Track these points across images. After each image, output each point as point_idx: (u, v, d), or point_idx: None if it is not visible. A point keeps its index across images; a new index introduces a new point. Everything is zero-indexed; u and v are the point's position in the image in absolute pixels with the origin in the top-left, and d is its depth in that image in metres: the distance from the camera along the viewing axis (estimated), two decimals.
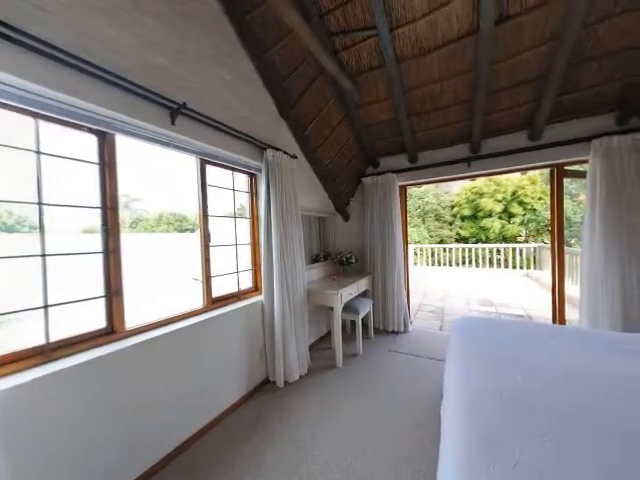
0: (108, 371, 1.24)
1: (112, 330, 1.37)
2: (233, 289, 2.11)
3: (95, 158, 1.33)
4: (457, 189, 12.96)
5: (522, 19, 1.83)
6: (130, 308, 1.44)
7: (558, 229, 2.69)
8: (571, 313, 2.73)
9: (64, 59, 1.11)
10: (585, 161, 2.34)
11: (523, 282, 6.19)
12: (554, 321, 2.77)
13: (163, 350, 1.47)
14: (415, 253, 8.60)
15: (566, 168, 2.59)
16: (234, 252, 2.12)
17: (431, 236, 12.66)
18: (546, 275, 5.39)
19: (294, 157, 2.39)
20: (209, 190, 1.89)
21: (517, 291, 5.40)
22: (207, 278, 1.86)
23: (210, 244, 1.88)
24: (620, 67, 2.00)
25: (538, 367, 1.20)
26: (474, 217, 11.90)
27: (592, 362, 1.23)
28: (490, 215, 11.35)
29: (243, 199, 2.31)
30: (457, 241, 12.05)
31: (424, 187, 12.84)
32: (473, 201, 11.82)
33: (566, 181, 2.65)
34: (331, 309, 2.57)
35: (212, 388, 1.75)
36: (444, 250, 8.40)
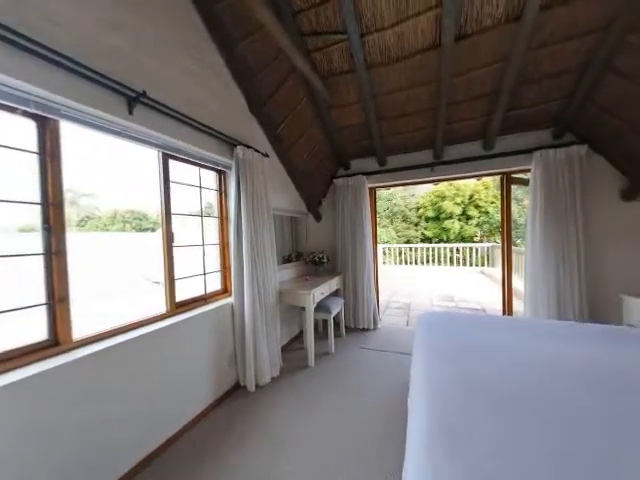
0: (48, 389, 1.09)
1: (56, 342, 1.21)
2: (200, 292, 2.00)
3: (34, 147, 1.17)
4: (422, 192, 13.79)
5: (477, 39, 2.00)
6: (79, 316, 1.29)
7: (507, 230, 3.01)
8: (518, 305, 3.07)
9: None
10: (528, 170, 2.64)
11: (479, 278, 6.80)
12: (504, 312, 3.09)
13: (119, 361, 1.34)
14: (384, 253, 8.97)
15: (513, 176, 2.90)
16: (201, 253, 2.01)
17: (399, 236, 13.30)
18: (497, 272, 5.98)
19: (266, 155, 2.34)
20: (173, 187, 1.77)
21: (473, 287, 5.91)
22: (170, 281, 1.74)
23: (174, 244, 1.76)
24: (556, 89, 2.29)
25: (493, 355, 1.32)
26: (437, 218, 12.77)
27: (537, 347, 1.39)
28: (451, 217, 12.27)
29: (211, 197, 2.21)
30: (422, 241, 12.82)
31: (392, 189, 13.43)
32: (436, 204, 12.68)
33: (513, 187, 2.97)
34: (303, 309, 2.56)
35: (177, 398, 1.64)
36: (410, 250, 8.89)
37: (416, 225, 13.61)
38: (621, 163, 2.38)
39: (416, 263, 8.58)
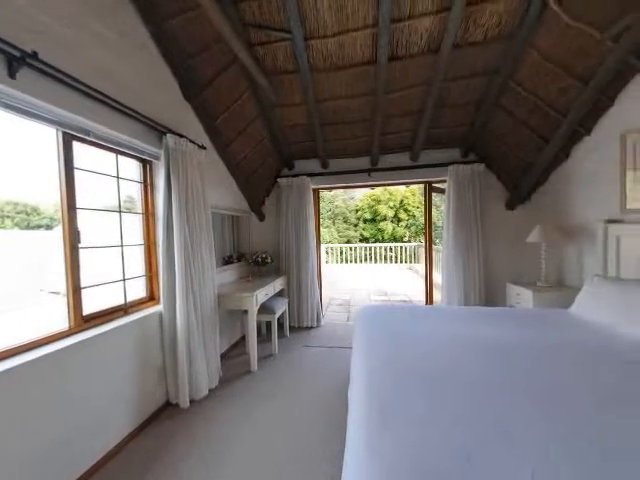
0: None
1: None
2: (119, 301, 1.69)
3: None
4: (360, 195, 14.83)
5: (407, 62, 2.27)
6: None
7: (429, 232, 3.51)
8: (437, 295, 3.60)
9: None
10: (444, 181, 3.13)
11: (407, 274, 7.71)
12: (426, 302, 3.59)
13: (3, 393, 1.03)
14: (326, 252, 9.30)
15: (434, 185, 3.40)
16: (119, 255, 1.70)
17: (340, 236, 14.00)
18: (422, 267, 6.89)
19: (202, 148, 2.14)
20: (79, 175, 1.45)
21: (403, 281, 6.68)
22: (75, 290, 1.42)
23: (80, 245, 1.45)
24: (463, 116, 2.78)
25: (419, 339, 1.51)
26: (373, 220, 13.93)
27: (452, 329, 1.66)
28: (385, 219, 13.57)
29: (133, 190, 1.90)
30: (361, 241, 13.79)
31: (334, 191, 14.05)
32: (373, 207, 13.83)
33: (434, 195, 3.48)
34: (245, 312, 2.45)
35: (89, 429, 1.35)
36: (350, 249, 9.46)
37: (355, 226, 14.56)
38: (505, 180, 3.05)
39: (356, 261, 9.19)
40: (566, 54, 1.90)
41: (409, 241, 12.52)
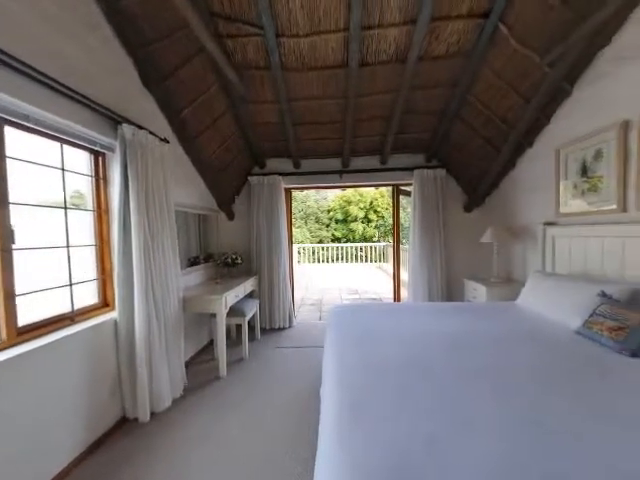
0: None
1: None
2: (64, 309, 1.50)
3: None
4: (332, 196, 15.04)
5: (376, 69, 2.36)
6: None
7: (396, 232, 3.68)
8: (404, 292, 3.79)
9: None
10: (411, 184, 3.31)
11: (376, 273, 8.00)
12: (394, 299, 3.76)
13: None
14: (299, 252, 9.27)
15: (401, 188, 3.58)
16: (65, 256, 1.51)
17: (312, 236, 14.04)
18: (390, 266, 7.20)
19: (165, 141, 2.00)
20: (12, 165, 1.26)
21: (373, 280, 6.92)
22: (7, 297, 1.23)
23: (14, 246, 1.26)
24: (427, 124, 2.97)
25: (388, 335, 1.58)
26: (345, 221, 14.22)
27: (418, 324, 1.75)
28: (356, 219, 13.92)
29: (82, 184, 1.70)
30: (332, 241, 13.98)
31: (306, 192, 14.06)
32: (344, 207, 14.10)
33: (401, 197, 3.66)
34: (214, 316, 2.33)
35: (27, 456, 1.17)
36: (322, 249, 9.55)
37: (327, 226, 14.72)
38: (464, 185, 3.32)
39: (327, 261, 9.29)
40: (513, 74, 2.13)
41: (378, 241, 12.99)
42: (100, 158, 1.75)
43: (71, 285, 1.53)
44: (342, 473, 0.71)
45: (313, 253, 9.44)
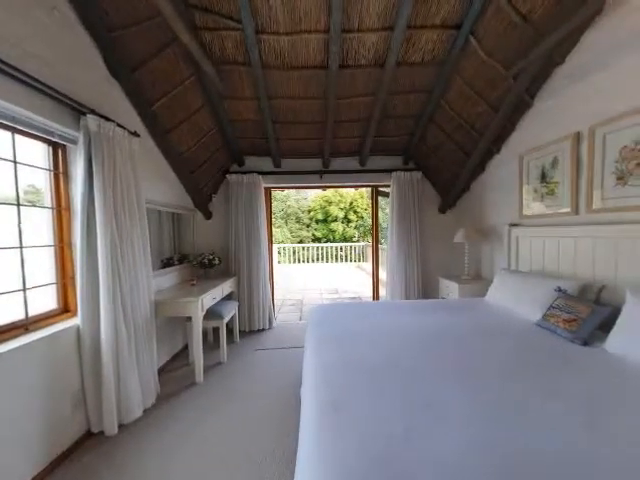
0: None
1: None
2: (17, 316, 1.36)
3: None
4: (312, 196, 15.05)
5: (356, 72, 2.39)
6: None
7: (375, 232, 3.78)
8: (382, 291, 3.89)
9: None
10: (389, 186, 3.40)
11: (356, 272, 8.13)
12: (373, 298, 3.85)
13: None
14: (279, 252, 9.17)
15: (380, 189, 3.67)
16: (18, 258, 1.37)
17: (292, 236, 13.96)
18: (369, 266, 7.36)
19: (135, 135, 1.88)
20: None
21: (352, 279, 7.02)
22: None
23: None
24: (404, 128, 3.07)
25: (367, 334, 1.61)
26: (325, 221, 14.29)
27: (395, 321, 1.81)
28: (336, 220, 14.05)
29: (39, 179, 1.55)
30: (313, 241, 13.99)
31: (286, 191, 13.94)
32: (324, 207, 14.17)
33: (380, 198, 3.76)
34: (189, 319, 2.24)
35: None
36: (303, 249, 9.53)
37: (308, 226, 14.71)
38: (438, 187, 3.48)
39: (308, 261, 9.29)
40: (482, 84, 2.27)
41: (358, 241, 13.21)
42: (60, 151, 1.60)
43: (25, 290, 1.39)
44: (324, 467, 0.72)
45: (294, 253, 9.39)
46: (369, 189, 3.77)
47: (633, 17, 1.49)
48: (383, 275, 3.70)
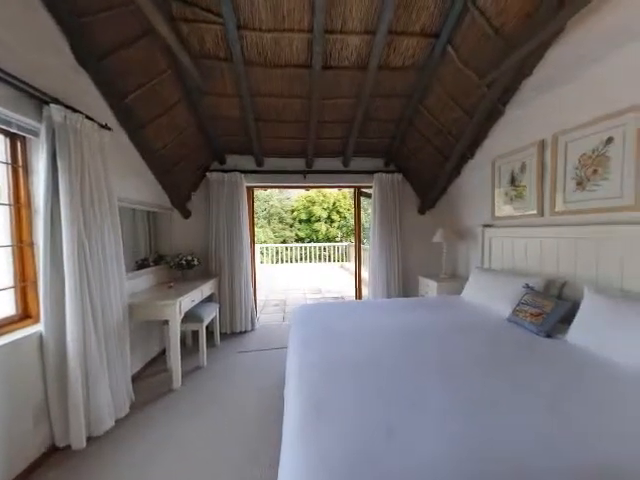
0: None
1: None
2: None
3: None
4: (296, 196, 14.98)
5: (339, 73, 2.41)
6: None
7: (358, 232, 3.83)
8: (365, 290, 3.96)
9: None
10: (371, 187, 3.46)
11: (339, 272, 8.20)
12: (356, 297, 3.90)
13: None
14: (261, 252, 9.03)
15: (362, 190, 3.72)
16: None
17: (275, 236, 13.80)
18: (352, 265, 7.45)
19: (106, 128, 1.77)
20: None
21: (335, 279, 7.08)
22: None
23: None
24: (385, 131, 3.14)
25: (349, 333, 1.63)
26: (308, 221, 14.27)
27: (377, 320, 1.84)
28: (319, 220, 14.08)
29: None
30: (296, 241, 13.91)
31: (269, 191, 13.76)
32: (307, 207, 14.15)
33: (362, 199, 3.82)
34: (166, 323, 2.14)
35: None
36: (286, 249, 9.45)
37: (291, 226, 14.61)
38: (418, 189, 3.60)
39: (291, 261, 9.23)
40: (458, 91, 2.38)
41: (341, 241, 13.32)
42: (19, 143, 1.47)
43: None
44: (307, 464, 0.73)
45: (277, 253, 9.29)
46: (352, 190, 3.82)
47: (592, 35, 1.63)
48: (366, 274, 3.76)
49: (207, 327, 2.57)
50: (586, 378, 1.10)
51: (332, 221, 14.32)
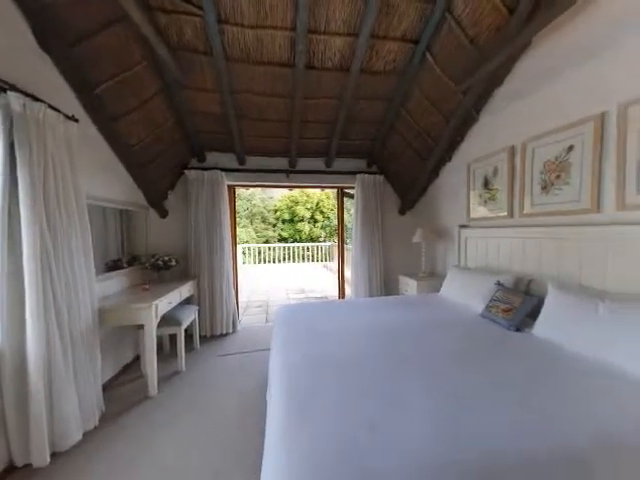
0: None
1: None
2: None
3: None
4: (279, 196, 14.83)
5: (322, 74, 2.42)
6: None
7: (341, 232, 3.87)
8: (348, 290, 4.00)
9: None
10: (353, 187, 3.51)
11: (322, 271, 8.23)
12: (339, 297, 3.93)
13: None
14: (244, 252, 8.84)
15: (345, 190, 3.76)
16: None
17: (258, 236, 13.57)
18: (335, 265, 7.50)
19: (73, 119, 1.65)
20: None
21: (319, 279, 7.09)
22: None
23: None
24: (367, 133, 3.19)
25: (332, 332, 1.64)
26: (291, 221, 14.19)
27: (359, 319, 1.87)
28: (303, 220, 14.04)
29: None
30: (279, 241, 13.78)
31: (252, 190, 13.50)
32: (291, 207, 14.06)
33: (345, 199, 3.85)
34: (141, 327, 2.03)
35: None
36: (269, 249, 9.33)
37: (274, 226, 14.45)
38: (398, 190, 3.69)
39: (274, 261, 9.12)
40: (437, 96, 2.47)
41: (324, 241, 13.37)
42: None
43: None
44: (290, 463, 0.72)
45: (259, 253, 9.14)
46: (335, 190, 3.85)
47: (555, 52, 1.76)
48: (348, 274, 3.80)
49: (186, 330, 2.48)
50: (550, 369, 1.19)
51: (315, 221, 14.34)
